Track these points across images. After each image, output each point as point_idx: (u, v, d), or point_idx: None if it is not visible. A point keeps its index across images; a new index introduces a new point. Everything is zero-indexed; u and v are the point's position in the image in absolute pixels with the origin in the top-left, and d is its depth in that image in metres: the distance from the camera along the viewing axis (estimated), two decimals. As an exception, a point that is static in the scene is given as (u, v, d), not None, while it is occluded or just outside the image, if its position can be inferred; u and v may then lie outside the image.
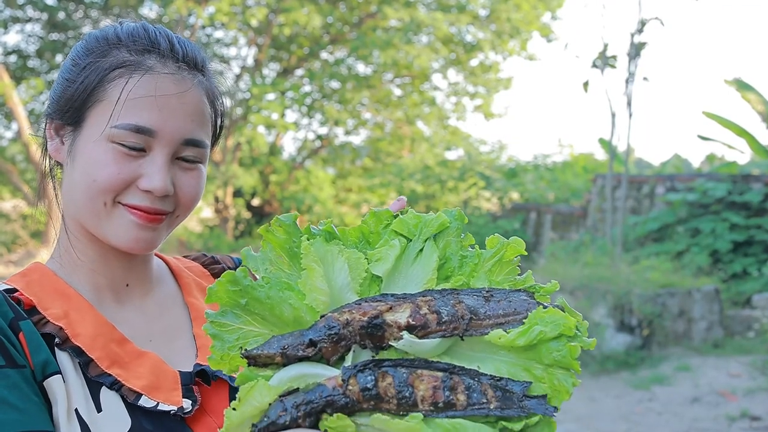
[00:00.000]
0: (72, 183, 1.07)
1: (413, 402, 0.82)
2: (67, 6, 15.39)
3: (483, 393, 0.83)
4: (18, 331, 1.00)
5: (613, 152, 10.06)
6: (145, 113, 1.04)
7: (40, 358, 1.00)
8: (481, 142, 18.16)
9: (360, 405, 0.83)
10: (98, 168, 1.04)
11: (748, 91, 11.89)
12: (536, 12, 15.71)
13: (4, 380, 0.95)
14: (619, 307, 7.75)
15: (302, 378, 0.87)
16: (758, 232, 9.63)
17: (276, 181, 17.24)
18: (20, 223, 14.65)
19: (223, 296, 0.92)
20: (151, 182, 1.04)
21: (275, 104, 14.93)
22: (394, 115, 16.90)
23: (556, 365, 0.84)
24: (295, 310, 0.92)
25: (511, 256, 0.94)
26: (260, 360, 0.90)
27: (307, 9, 14.20)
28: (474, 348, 0.87)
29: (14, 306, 1.02)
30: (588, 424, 5.95)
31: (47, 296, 1.07)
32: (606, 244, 9.99)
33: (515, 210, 14.31)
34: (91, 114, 1.06)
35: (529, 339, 0.83)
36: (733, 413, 5.83)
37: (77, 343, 1.03)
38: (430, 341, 0.86)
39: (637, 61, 9.37)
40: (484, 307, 0.87)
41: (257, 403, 0.86)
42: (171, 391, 1.06)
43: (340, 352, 0.87)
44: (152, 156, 1.05)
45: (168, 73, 1.06)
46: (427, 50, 14.88)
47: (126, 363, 1.05)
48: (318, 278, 0.92)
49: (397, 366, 0.85)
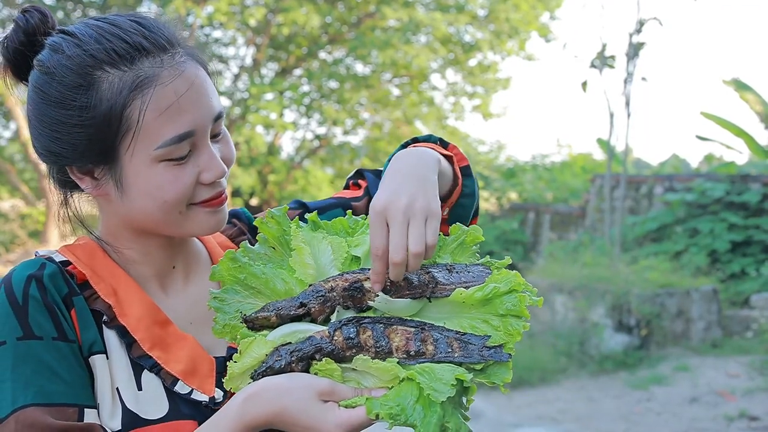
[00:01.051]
0: (135, 208, 1.07)
1: (389, 350, 0.97)
2: (65, 6, 15.39)
3: (449, 345, 0.97)
4: (71, 307, 1.03)
5: (611, 152, 10.07)
6: (179, 119, 1.03)
7: (89, 335, 1.04)
8: (479, 142, 18.18)
9: (344, 353, 0.98)
10: (164, 190, 1.04)
11: (747, 92, 11.90)
12: (535, 12, 15.70)
13: (56, 352, 0.99)
14: (617, 307, 7.75)
15: (295, 334, 1.01)
16: (756, 232, 9.64)
17: (274, 180, 17.24)
18: (18, 223, 14.64)
19: (225, 274, 1.07)
20: (213, 173, 1.07)
21: (274, 104, 14.92)
22: (393, 115, 16.89)
23: (509, 314, 0.98)
24: (286, 284, 1.07)
25: (471, 242, 1.09)
26: (258, 322, 1.04)
27: (306, 9, 14.18)
28: (441, 310, 1.02)
29: (69, 280, 1.05)
30: (587, 424, 5.95)
31: (99, 271, 1.09)
32: (604, 244, 10.00)
33: (514, 210, 14.31)
34: (123, 146, 1.03)
35: (484, 294, 0.99)
36: (731, 413, 5.84)
37: (123, 323, 1.06)
38: (403, 301, 1.01)
39: (635, 62, 9.38)
40: (448, 277, 1.03)
41: (256, 355, 1.01)
42: (206, 378, 1.08)
43: (327, 312, 1.03)
44: (199, 150, 1.06)
45: (169, 70, 1.03)
46: (425, 50, 14.87)
47: (168, 345, 1.08)
48: (306, 255, 1.08)
49: (376, 322, 1.00)
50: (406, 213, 1.03)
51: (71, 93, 1.02)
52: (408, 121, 16.88)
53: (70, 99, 1.02)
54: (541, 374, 7.14)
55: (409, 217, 1.03)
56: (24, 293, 0.99)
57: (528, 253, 13.09)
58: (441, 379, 0.93)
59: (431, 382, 0.93)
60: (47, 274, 1.02)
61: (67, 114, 1.03)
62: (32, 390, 0.96)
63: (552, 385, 7.04)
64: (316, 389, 0.96)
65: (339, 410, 0.95)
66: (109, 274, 1.09)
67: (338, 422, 0.94)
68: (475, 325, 0.99)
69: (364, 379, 0.98)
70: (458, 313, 1.01)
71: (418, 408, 0.92)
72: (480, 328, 0.99)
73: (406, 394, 0.93)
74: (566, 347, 7.55)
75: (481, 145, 18.22)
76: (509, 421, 6.11)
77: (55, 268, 1.04)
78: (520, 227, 13.71)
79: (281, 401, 0.96)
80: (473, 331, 0.99)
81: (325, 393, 0.96)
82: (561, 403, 6.54)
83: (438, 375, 0.93)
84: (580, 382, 7.08)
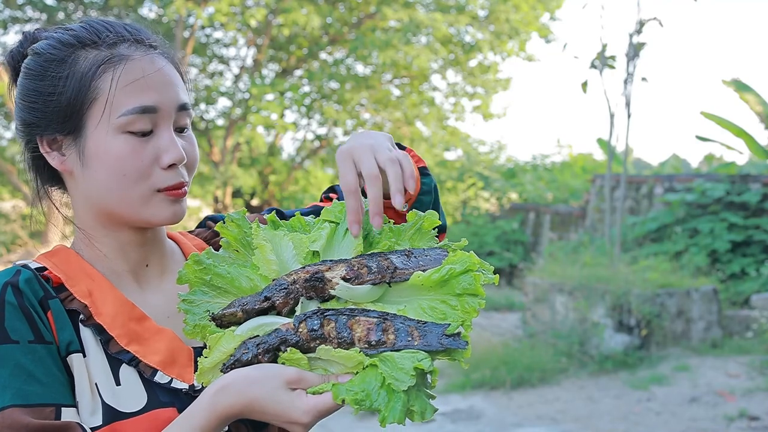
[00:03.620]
0: (95, 183, 1.12)
1: (351, 341, 0.99)
2: (66, 6, 15.40)
3: (409, 334, 0.99)
4: (47, 309, 1.07)
5: (611, 152, 10.07)
6: (143, 94, 1.10)
7: (65, 336, 1.07)
8: (479, 142, 18.17)
9: (308, 344, 1.00)
10: (122, 162, 1.09)
11: (747, 92, 11.90)
12: (535, 13, 15.71)
13: (32, 354, 1.02)
14: (617, 307, 7.76)
15: (261, 327, 1.04)
16: (756, 232, 9.64)
17: (275, 181, 17.25)
18: (20, 223, 14.65)
19: (191, 277, 1.11)
20: (172, 155, 1.11)
21: (274, 104, 14.92)
22: (393, 116, 16.89)
23: (465, 293, 1.01)
24: (251, 281, 1.11)
25: (428, 227, 1.13)
26: (225, 319, 1.07)
27: (306, 9, 14.19)
28: (401, 294, 1.05)
29: (44, 284, 1.09)
30: (586, 423, 5.96)
31: (74, 275, 1.13)
32: (604, 245, 10.00)
33: (514, 210, 14.32)
34: (90, 116, 1.10)
35: (441, 275, 1.02)
36: (731, 413, 5.85)
37: (99, 321, 1.10)
38: (363, 287, 1.04)
39: (635, 62, 9.38)
40: (406, 262, 1.06)
41: (225, 349, 1.04)
42: (184, 367, 1.12)
43: (290, 304, 1.06)
44: (159, 133, 1.12)
45: (142, 56, 1.12)
46: (426, 51, 14.87)
47: (145, 339, 1.11)
48: (268, 252, 1.11)
49: (340, 314, 1.02)
50: (372, 149, 1.10)
51: (51, 65, 1.10)
52: (408, 121, 16.87)
53: (49, 71, 1.10)
54: (541, 374, 7.15)
55: (375, 151, 1.10)
56: (0, 299, 1.03)
57: (528, 253, 13.11)
58: (402, 368, 0.95)
59: (392, 371, 0.95)
60: (23, 279, 1.06)
61: (43, 84, 1.11)
62: (10, 392, 0.99)
63: (552, 385, 7.05)
64: (283, 378, 0.99)
65: (307, 397, 0.98)
66: (84, 276, 1.13)
67: (306, 409, 0.97)
68: (434, 306, 1.02)
69: (330, 367, 1.00)
70: (417, 295, 1.04)
71: (383, 393, 0.95)
72: (439, 308, 1.02)
73: (371, 379, 0.96)
74: (566, 347, 7.56)
75: (482, 145, 18.23)
76: (509, 421, 6.12)
77: (30, 273, 1.08)
78: (521, 227, 13.72)
79: (251, 391, 0.99)
80: (432, 312, 1.02)
81: (293, 381, 0.99)
82: (561, 403, 6.54)
83: (399, 364, 0.96)
84: (580, 382, 7.09)
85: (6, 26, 14.82)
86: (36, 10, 14.94)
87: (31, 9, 15.01)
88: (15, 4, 14.57)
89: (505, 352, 7.48)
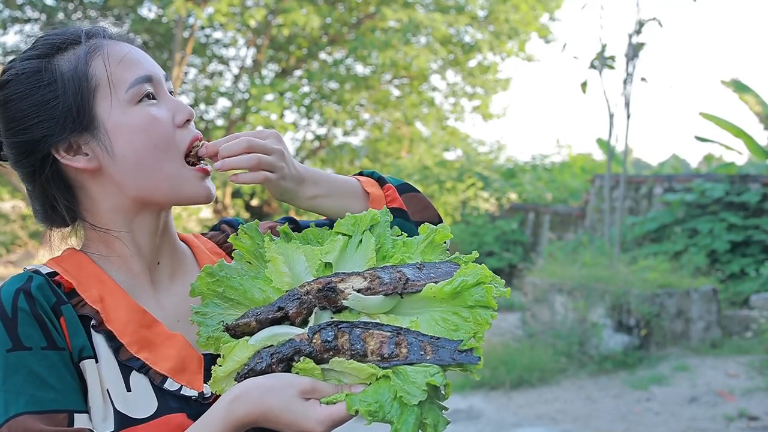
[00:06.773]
0: (129, 165, 1.12)
1: (363, 353, 1.00)
2: (66, 6, 15.40)
3: (422, 348, 1.00)
4: (60, 315, 1.07)
5: (611, 153, 10.08)
6: (135, 67, 1.13)
7: (78, 341, 1.07)
8: (479, 142, 18.15)
9: (321, 355, 1.01)
10: (148, 131, 1.12)
11: (746, 92, 11.90)
12: (534, 13, 15.72)
13: (45, 361, 1.03)
14: (617, 307, 7.76)
15: (275, 337, 1.05)
16: (756, 232, 9.64)
17: (275, 181, 17.22)
18: (19, 224, 14.64)
19: (204, 289, 1.11)
20: (183, 112, 1.15)
21: (274, 105, 14.93)
22: (393, 116, 16.90)
23: (477, 305, 1.01)
24: (264, 293, 1.11)
25: (440, 240, 1.13)
26: (239, 329, 1.08)
27: (306, 10, 14.19)
28: (414, 306, 1.05)
29: (56, 290, 1.08)
30: (586, 423, 5.96)
31: (85, 280, 1.13)
32: (604, 245, 10.00)
33: (513, 210, 14.31)
34: (98, 103, 1.11)
35: (453, 287, 1.02)
36: (731, 413, 5.85)
37: (110, 328, 1.10)
38: (375, 298, 1.04)
39: (635, 62, 9.38)
40: (418, 274, 1.06)
41: (238, 359, 1.05)
42: (194, 375, 1.12)
43: (304, 314, 1.06)
44: (162, 97, 1.15)
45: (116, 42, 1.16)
46: (425, 51, 14.88)
47: (155, 346, 1.11)
48: (281, 265, 1.12)
49: (353, 327, 1.02)
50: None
51: (36, 76, 1.11)
52: (408, 121, 16.89)
53: (38, 82, 1.10)
54: (541, 374, 7.15)
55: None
56: (13, 306, 1.03)
57: (528, 253, 13.10)
58: (414, 382, 0.96)
59: (404, 384, 0.96)
60: (35, 286, 1.06)
61: (39, 96, 1.10)
62: (24, 398, 1.00)
63: (552, 385, 7.05)
64: (297, 387, 0.99)
65: (320, 407, 0.98)
66: (95, 281, 1.13)
67: (320, 419, 0.98)
68: (446, 318, 1.03)
69: (344, 378, 1.01)
70: (430, 307, 1.04)
71: (396, 405, 0.95)
72: (451, 320, 1.02)
73: (384, 391, 0.96)
74: (566, 347, 7.56)
75: (481, 145, 18.20)
76: (509, 420, 6.12)
77: (42, 279, 1.08)
78: (520, 227, 13.72)
79: (265, 400, 0.99)
80: (444, 323, 1.02)
81: (307, 391, 0.99)
82: (560, 403, 6.54)
83: (411, 378, 0.96)
84: (579, 382, 7.09)
85: (5, 26, 14.82)
86: (36, 10, 14.95)
87: (31, 9, 15.01)
88: (15, 4, 14.57)
89: (504, 352, 7.49)
